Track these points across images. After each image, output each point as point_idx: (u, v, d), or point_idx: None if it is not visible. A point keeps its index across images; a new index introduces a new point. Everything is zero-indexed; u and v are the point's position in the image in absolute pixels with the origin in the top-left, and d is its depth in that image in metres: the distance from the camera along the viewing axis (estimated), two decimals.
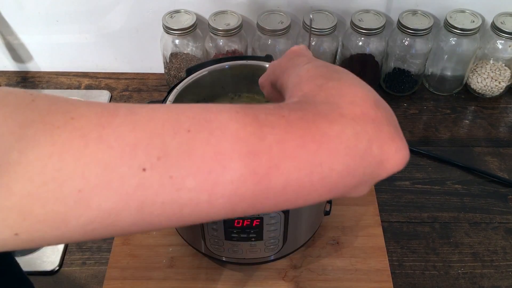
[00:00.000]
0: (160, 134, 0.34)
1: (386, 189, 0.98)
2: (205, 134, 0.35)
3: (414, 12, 1.10)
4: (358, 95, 0.40)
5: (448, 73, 1.16)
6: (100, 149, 0.33)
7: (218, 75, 0.84)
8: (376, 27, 1.06)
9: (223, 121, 0.36)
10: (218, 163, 0.35)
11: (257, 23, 1.07)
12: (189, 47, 1.12)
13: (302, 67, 0.49)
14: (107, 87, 1.21)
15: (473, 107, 1.17)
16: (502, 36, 1.08)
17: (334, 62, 1.15)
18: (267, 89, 0.61)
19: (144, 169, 0.33)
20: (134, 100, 1.18)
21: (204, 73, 0.83)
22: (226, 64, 0.84)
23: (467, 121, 1.13)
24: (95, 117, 0.34)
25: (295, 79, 0.47)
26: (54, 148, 0.33)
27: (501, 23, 1.08)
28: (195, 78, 0.82)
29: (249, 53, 1.15)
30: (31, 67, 1.25)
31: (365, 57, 1.12)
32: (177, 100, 0.79)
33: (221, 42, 1.09)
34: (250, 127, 0.36)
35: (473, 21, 1.08)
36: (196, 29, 1.10)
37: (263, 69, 0.84)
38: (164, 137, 0.34)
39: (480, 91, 1.17)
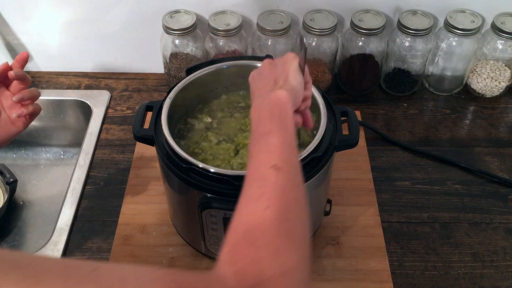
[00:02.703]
0: None
1: (386, 189, 0.98)
2: None
3: (414, 12, 1.10)
4: None
5: (448, 73, 1.16)
6: None
7: (218, 75, 0.84)
8: (376, 27, 1.06)
9: None
10: None
11: (257, 23, 1.07)
12: (189, 47, 1.12)
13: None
14: (107, 87, 1.21)
15: (473, 107, 1.17)
16: (502, 36, 1.08)
17: (334, 62, 1.15)
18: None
19: None
20: (134, 100, 1.18)
21: (203, 73, 0.83)
22: (226, 64, 0.84)
23: (467, 121, 1.13)
24: None
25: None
26: None
27: (501, 23, 1.08)
28: (194, 78, 0.82)
29: (249, 53, 1.15)
30: (31, 67, 1.25)
31: (365, 57, 1.12)
32: (177, 98, 0.79)
33: (221, 42, 1.09)
34: None
35: (473, 21, 1.08)
36: (196, 29, 1.10)
37: None
38: None
39: (480, 91, 1.17)
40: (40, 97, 1.17)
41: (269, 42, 1.09)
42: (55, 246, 0.87)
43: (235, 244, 0.45)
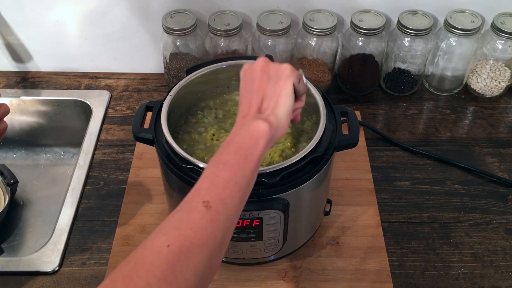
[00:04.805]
0: None
1: (386, 189, 0.98)
2: None
3: (414, 12, 1.10)
4: None
5: (448, 73, 1.16)
6: None
7: (218, 75, 0.84)
8: (376, 27, 1.06)
9: None
10: None
11: (257, 23, 1.07)
12: (189, 47, 1.12)
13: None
14: (107, 87, 1.21)
15: (473, 107, 1.17)
16: (502, 36, 1.08)
17: (334, 62, 1.15)
18: None
19: None
20: (134, 100, 1.18)
21: (203, 72, 0.83)
22: (225, 64, 0.84)
23: (467, 121, 1.13)
24: None
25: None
26: None
27: (501, 23, 1.08)
28: (194, 77, 0.82)
29: (249, 53, 1.15)
30: (31, 67, 1.25)
31: (365, 57, 1.12)
32: (177, 98, 0.79)
33: (221, 42, 1.09)
34: None
35: (473, 21, 1.08)
36: (196, 29, 1.10)
37: None
38: None
39: (480, 91, 1.17)
40: (40, 97, 1.18)
41: (269, 42, 1.09)
42: (55, 246, 0.87)
43: (116, 279, 0.44)
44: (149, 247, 0.46)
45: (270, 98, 0.59)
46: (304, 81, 0.63)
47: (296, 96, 0.62)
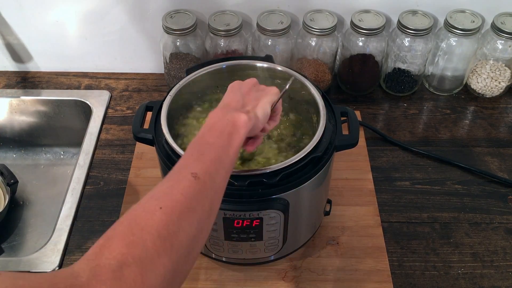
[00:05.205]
0: None
1: (386, 189, 0.98)
2: None
3: (414, 12, 1.10)
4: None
5: (448, 73, 1.16)
6: None
7: (218, 75, 0.84)
8: (376, 27, 1.06)
9: None
10: None
11: (257, 23, 1.07)
12: (189, 47, 1.12)
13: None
14: (107, 87, 1.21)
15: (473, 107, 1.17)
16: (502, 36, 1.08)
17: (334, 62, 1.15)
18: None
19: None
20: (134, 100, 1.18)
21: (203, 72, 0.83)
22: (225, 64, 0.84)
23: (467, 121, 1.13)
24: None
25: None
26: None
27: (501, 23, 1.08)
28: (194, 77, 0.82)
29: (249, 53, 1.15)
30: (31, 67, 1.25)
31: (365, 57, 1.12)
32: (177, 98, 0.79)
33: (221, 42, 1.09)
34: None
35: (473, 21, 1.08)
36: (196, 29, 1.10)
37: (262, 69, 0.84)
38: None
39: (480, 91, 1.17)
40: (40, 97, 1.18)
41: (269, 42, 1.09)
42: (55, 246, 0.87)
43: (111, 237, 0.47)
44: (141, 210, 0.49)
45: (252, 101, 0.65)
46: (287, 87, 0.69)
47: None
